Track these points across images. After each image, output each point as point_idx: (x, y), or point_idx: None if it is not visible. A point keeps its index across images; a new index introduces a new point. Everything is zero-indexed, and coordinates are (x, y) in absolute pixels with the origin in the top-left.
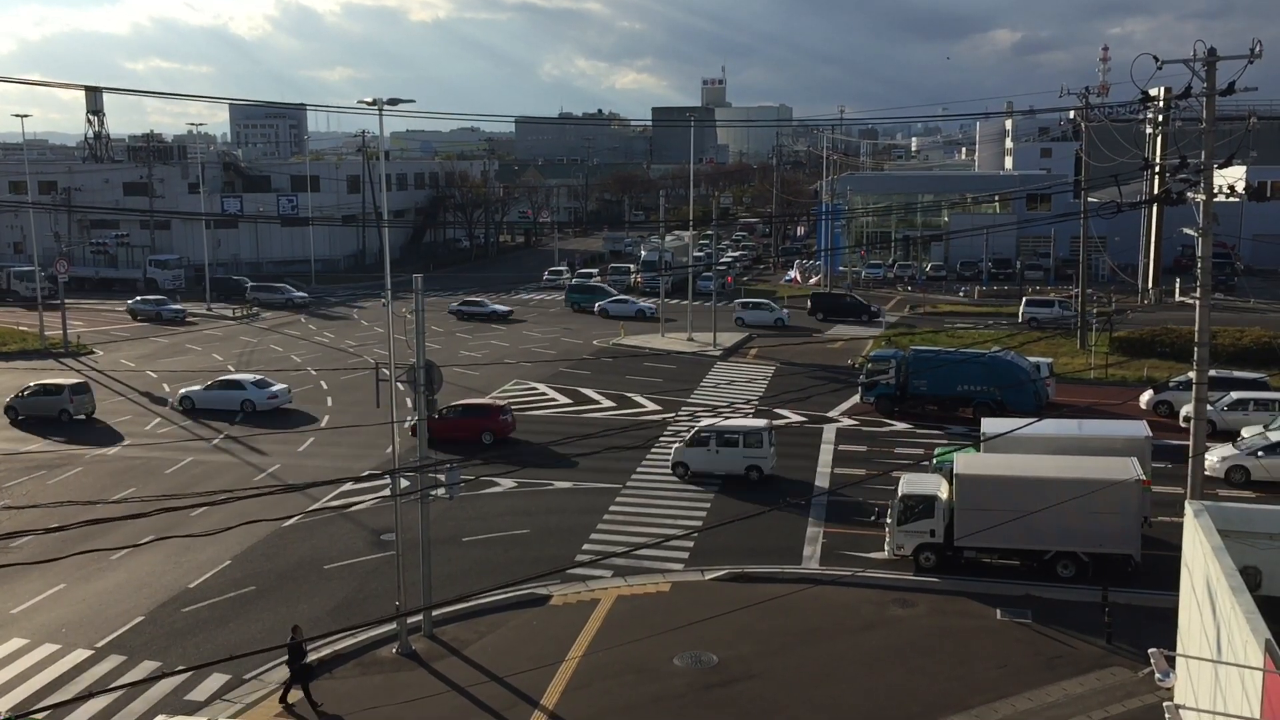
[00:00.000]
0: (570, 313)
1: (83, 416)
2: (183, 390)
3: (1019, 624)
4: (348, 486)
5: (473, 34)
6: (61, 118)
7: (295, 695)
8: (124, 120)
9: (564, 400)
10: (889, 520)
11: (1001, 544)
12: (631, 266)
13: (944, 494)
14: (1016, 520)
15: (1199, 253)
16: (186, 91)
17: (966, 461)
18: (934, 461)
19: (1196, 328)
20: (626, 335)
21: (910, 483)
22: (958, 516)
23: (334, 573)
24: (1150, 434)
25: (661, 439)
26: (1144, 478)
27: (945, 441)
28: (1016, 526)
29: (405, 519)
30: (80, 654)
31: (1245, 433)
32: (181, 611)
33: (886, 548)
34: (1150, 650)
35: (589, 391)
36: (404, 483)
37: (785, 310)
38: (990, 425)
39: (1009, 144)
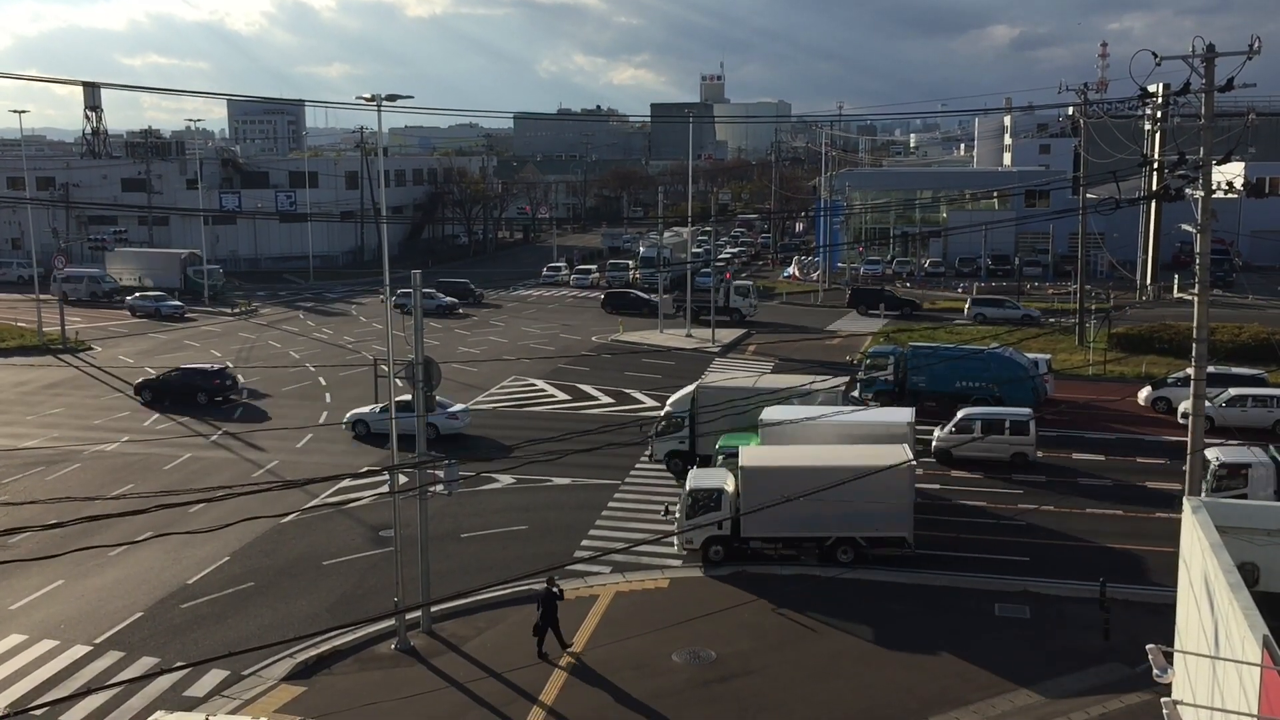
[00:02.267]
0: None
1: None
2: (354, 412)
3: (1017, 620)
4: (346, 483)
5: (470, 30)
6: (57, 114)
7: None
8: (121, 116)
9: (562, 396)
10: (678, 515)
11: (786, 533)
12: (630, 263)
13: (730, 487)
14: (799, 508)
15: (1197, 249)
16: (183, 88)
17: (750, 454)
18: (717, 453)
19: (1195, 324)
20: (625, 332)
21: (697, 477)
22: (744, 508)
23: (332, 569)
24: (912, 420)
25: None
26: (913, 461)
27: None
28: (798, 515)
29: (404, 515)
30: (79, 650)
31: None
32: (180, 608)
33: (676, 542)
34: (1148, 646)
35: (587, 388)
36: (402, 479)
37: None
38: (769, 413)
39: (1008, 140)
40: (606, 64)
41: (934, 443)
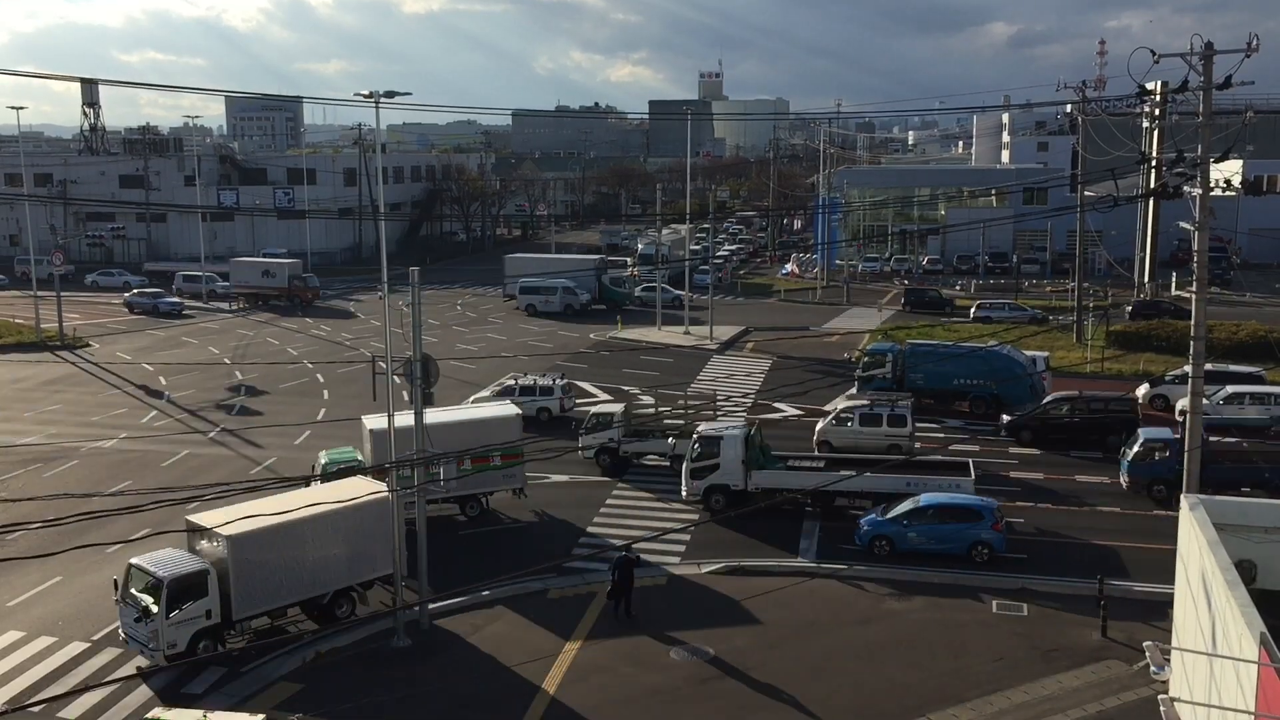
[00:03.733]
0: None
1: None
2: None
3: (1014, 617)
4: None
5: (467, 26)
6: (54, 110)
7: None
8: (118, 113)
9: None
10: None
11: (281, 602)
12: (628, 260)
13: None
14: (287, 575)
15: (1195, 247)
16: (180, 84)
17: (231, 523)
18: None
19: (1193, 321)
20: (623, 329)
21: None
22: (233, 588)
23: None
24: (520, 413)
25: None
26: (388, 492)
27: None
28: (288, 582)
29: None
30: (77, 646)
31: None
32: None
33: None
34: (1146, 644)
35: (586, 385)
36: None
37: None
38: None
39: (1006, 138)
40: (604, 61)
41: (815, 435)
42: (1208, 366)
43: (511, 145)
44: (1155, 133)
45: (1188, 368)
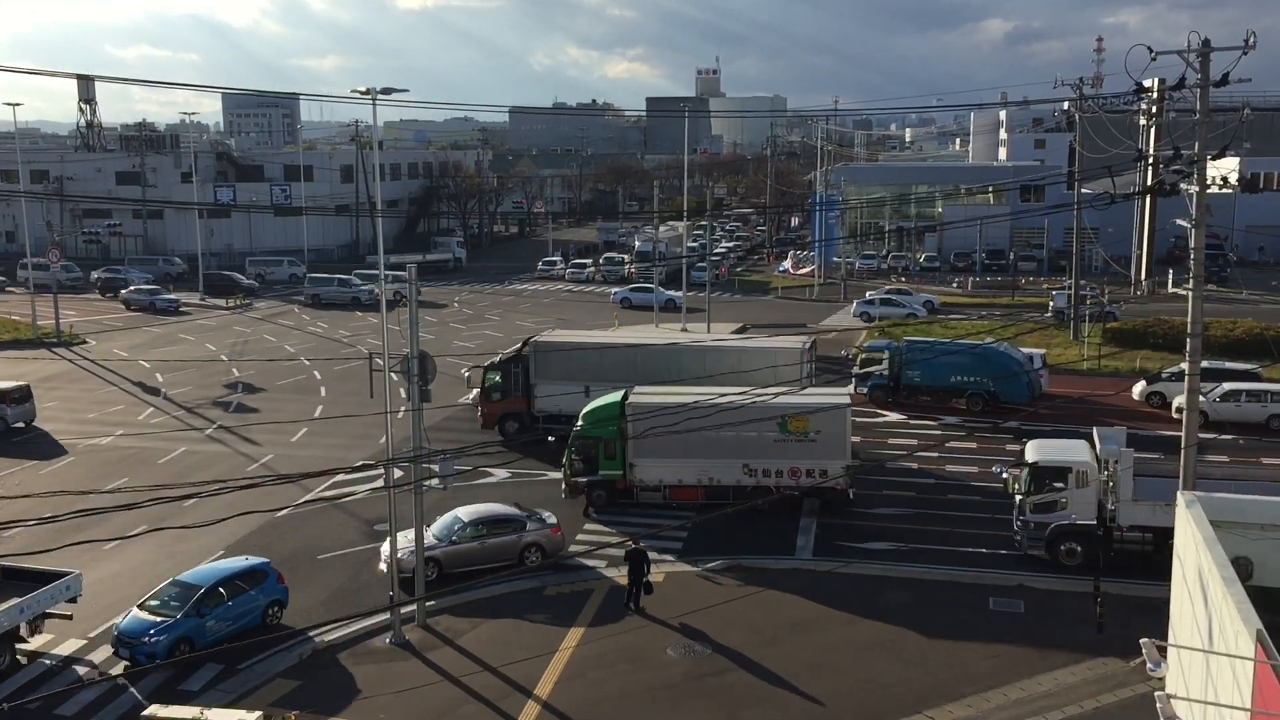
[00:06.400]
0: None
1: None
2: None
3: (1011, 614)
4: (341, 477)
5: (462, 22)
6: (48, 106)
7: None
8: (112, 109)
9: None
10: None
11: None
12: (626, 257)
13: None
14: None
15: (1192, 244)
16: (174, 80)
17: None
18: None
19: (1189, 319)
20: (620, 326)
21: None
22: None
23: (327, 563)
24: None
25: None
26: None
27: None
28: None
29: (399, 509)
30: (73, 644)
31: None
32: None
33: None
34: (1142, 640)
35: None
36: (398, 473)
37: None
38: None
39: (1003, 135)
40: (601, 57)
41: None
42: (1204, 364)
43: (509, 142)
44: (1152, 130)
45: (1184, 365)
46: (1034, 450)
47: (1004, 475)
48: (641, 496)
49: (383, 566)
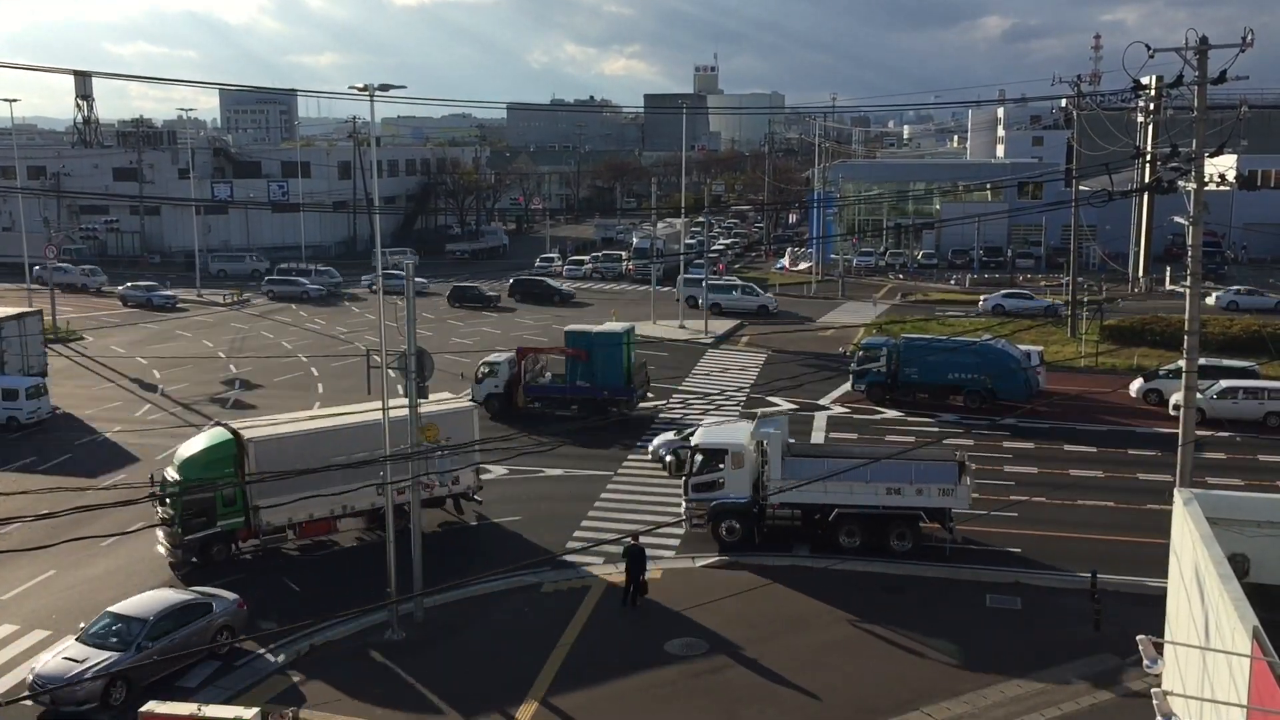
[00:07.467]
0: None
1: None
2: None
3: (1008, 611)
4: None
5: (459, 19)
6: (44, 102)
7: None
8: (109, 105)
9: None
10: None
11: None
12: (624, 254)
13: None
14: None
15: (1189, 241)
16: (172, 76)
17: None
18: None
19: (1187, 316)
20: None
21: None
22: None
23: (325, 559)
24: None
25: (653, 426)
26: None
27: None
28: None
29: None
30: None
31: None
32: None
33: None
34: (1138, 637)
35: None
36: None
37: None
38: None
39: (1001, 132)
40: (598, 54)
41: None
42: (1201, 361)
43: (506, 139)
44: (1150, 127)
45: (1181, 362)
46: (699, 433)
47: (668, 457)
48: (267, 542)
49: None
